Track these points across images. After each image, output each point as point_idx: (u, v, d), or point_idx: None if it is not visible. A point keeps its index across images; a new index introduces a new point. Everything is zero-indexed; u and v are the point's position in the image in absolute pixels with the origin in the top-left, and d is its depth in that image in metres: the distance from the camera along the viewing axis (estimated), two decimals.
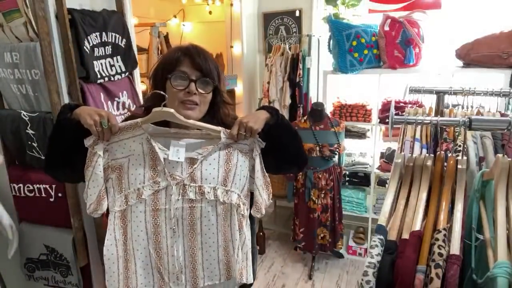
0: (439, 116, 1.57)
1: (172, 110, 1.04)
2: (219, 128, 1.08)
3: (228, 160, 1.10)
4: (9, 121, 1.69)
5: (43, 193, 1.70)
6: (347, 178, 3.03)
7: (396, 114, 1.24)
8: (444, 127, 1.47)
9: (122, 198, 1.07)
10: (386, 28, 2.53)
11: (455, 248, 0.90)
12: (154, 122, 1.07)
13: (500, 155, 0.99)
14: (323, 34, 2.85)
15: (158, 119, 1.06)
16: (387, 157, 2.82)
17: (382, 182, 2.97)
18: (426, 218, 1.05)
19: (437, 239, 0.93)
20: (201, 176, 1.07)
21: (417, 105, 1.86)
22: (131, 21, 1.95)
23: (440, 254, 0.88)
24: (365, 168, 2.93)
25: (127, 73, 1.85)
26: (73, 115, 1.03)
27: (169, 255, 1.09)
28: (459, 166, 1.15)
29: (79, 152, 1.04)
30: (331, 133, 2.63)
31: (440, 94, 1.57)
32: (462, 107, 1.75)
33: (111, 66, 1.75)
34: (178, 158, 1.06)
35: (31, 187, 1.72)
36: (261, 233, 3.01)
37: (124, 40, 1.81)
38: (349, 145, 3.03)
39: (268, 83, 2.90)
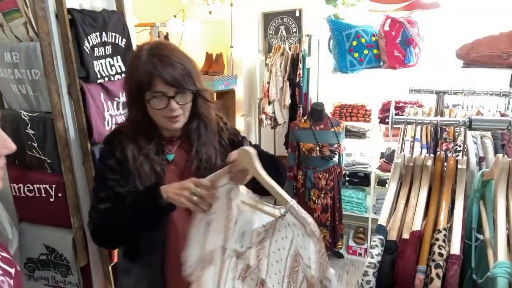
0: (439, 116, 1.57)
1: (251, 153, 0.87)
2: (289, 198, 0.86)
3: (294, 265, 0.87)
4: (9, 121, 1.68)
5: (43, 193, 1.70)
6: (347, 178, 3.04)
7: (396, 114, 1.24)
8: (444, 127, 1.47)
9: None
10: (386, 28, 2.53)
11: (455, 248, 0.90)
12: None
13: (500, 155, 0.99)
14: (323, 34, 2.85)
15: (242, 163, 0.89)
16: (387, 157, 2.82)
17: (382, 182, 2.97)
18: (426, 218, 1.05)
19: (437, 239, 0.93)
20: (267, 267, 0.90)
21: (417, 105, 1.86)
22: (131, 21, 1.95)
23: (440, 254, 0.88)
24: (365, 168, 2.93)
25: None
26: (163, 200, 0.94)
27: None
28: (459, 166, 1.15)
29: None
30: (331, 133, 2.63)
31: (440, 94, 1.57)
32: (462, 107, 1.75)
33: (111, 66, 1.75)
34: (241, 247, 0.91)
35: (31, 187, 1.72)
36: None
37: (124, 40, 1.81)
38: (349, 145, 3.03)
39: (268, 83, 2.90)
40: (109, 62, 1.74)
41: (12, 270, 0.69)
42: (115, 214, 1.02)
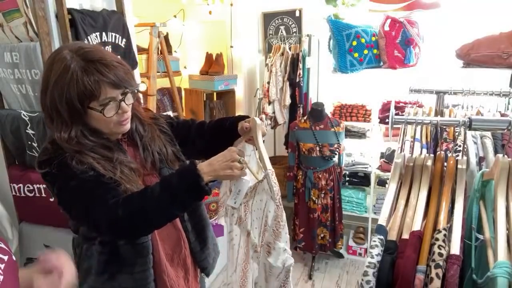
0: (439, 116, 1.57)
1: (258, 122, 1.07)
2: (270, 166, 1.04)
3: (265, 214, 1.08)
4: (9, 121, 1.69)
5: (43, 193, 1.70)
6: (347, 178, 3.03)
7: (396, 114, 1.24)
8: (444, 127, 1.47)
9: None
10: (386, 28, 2.53)
11: (455, 248, 0.90)
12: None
13: (500, 155, 1.00)
14: (323, 34, 2.85)
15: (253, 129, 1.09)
16: (387, 157, 2.82)
17: (382, 182, 2.97)
18: (426, 218, 1.05)
19: (437, 239, 0.93)
20: (251, 221, 1.10)
21: (417, 105, 1.86)
22: (131, 21, 1.95)
23: (440, 254, 0.88)
24: (365, 168, 2.93)
25: None
26: (205, 181, 0.92)
27: None
28: (459, 166, 1.15)
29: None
30: (331, 133, 2.63)
31: (440, 94, 1.57)
32: (462, 107, 1.75)
33: None
34: (235, 203, 1.07)
35: (31, 187, 1.72)
36: None
37: (124, 40, 1.81)
38: (349, 145, 3.03)
39: (268, 83, 2.90)
40: None
41: (6, 257, 0.69)
42: (142, 205, 0.91)
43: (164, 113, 1.34)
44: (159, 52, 2.61)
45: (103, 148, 1.00)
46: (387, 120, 2.67)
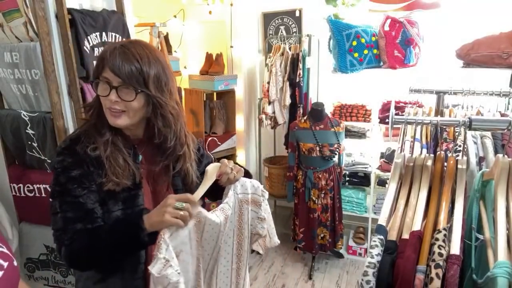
0: (439, 116, 1.57)
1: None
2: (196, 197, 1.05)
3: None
4: (9, 121, 1.69)
5: (43, 193, 1.70)
6: (347, 178, 3.03)
7: (396, 114, 1.24)
8: (444, 127, 1.47)
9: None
10: (386, 28, 2.53)
11: (455, 248, 0.90)
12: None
13: (500, 155, 1.00)
14: (323, 34, 2.85)
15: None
16: (387, 157, 2.82)
17: (382, 182, 2.97)
18: (426, 218, 1.05)
19: (437, 239, 0.93)
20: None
21: (417, 105, 1.86)
22: (131, 21, 1.95)
23: (440, 254, 0.88)
24: (365, 168, 2.93)
25: None
26: (147, 232, 0.93)
27: None
28: (459, 166, 1.16)
29: None
30: (331, 133, 2.63)
31: (440, 94, 1.57)
32: (462, 107, 1.75)
33: None
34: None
35: (31, 187, 1.72)
36: None
37: (124, 40, 1.81)
38: (349, 145, 3.03)
39: (268, 83, 2.90)
40: None
41: (5, 264, 0.69)
42: (91, 243, 0.95)
43: None
44: None
45: (110, 132, 1.03)
46: (387, 120, 2.67)
